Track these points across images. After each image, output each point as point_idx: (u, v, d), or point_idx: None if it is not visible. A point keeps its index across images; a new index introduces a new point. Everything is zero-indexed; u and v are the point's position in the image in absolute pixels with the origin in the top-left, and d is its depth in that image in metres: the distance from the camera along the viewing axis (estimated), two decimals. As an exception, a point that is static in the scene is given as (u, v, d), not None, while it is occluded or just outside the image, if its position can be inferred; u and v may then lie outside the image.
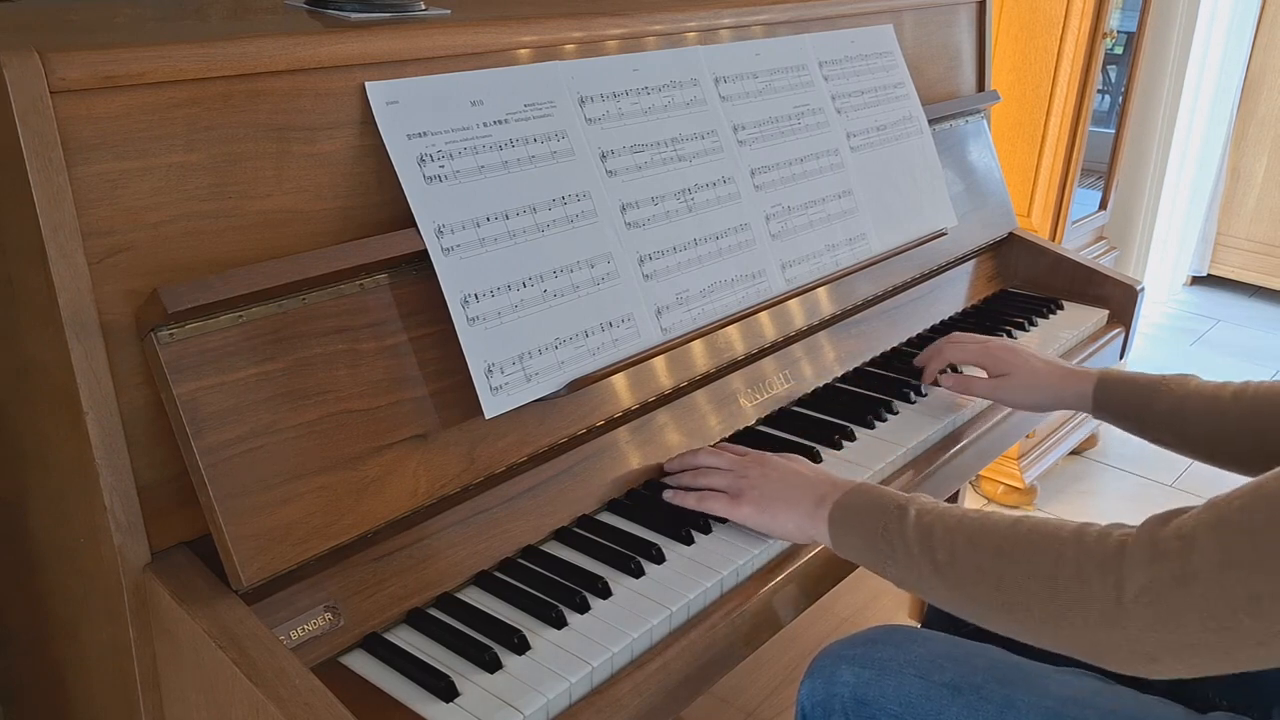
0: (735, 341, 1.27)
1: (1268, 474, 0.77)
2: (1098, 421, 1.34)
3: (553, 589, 0.95)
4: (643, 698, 0.90)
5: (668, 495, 1.09)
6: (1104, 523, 0.84)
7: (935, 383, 1.37)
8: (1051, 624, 0.82)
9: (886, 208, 1.47)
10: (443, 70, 1.00)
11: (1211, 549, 0.74)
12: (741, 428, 1.25)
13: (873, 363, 1.46)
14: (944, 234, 1.56)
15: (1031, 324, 1.64)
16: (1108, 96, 2.88)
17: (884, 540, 0.93)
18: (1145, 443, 1.23)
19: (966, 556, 0.87)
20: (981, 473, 2.52)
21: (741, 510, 1.04)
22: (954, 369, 1.39)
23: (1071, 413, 1.88)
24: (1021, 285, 1.80)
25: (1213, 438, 1.15)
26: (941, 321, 1.61)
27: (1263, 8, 3.73)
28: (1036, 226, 2.43)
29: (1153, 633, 0.76)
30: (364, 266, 0.92)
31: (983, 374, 1.34)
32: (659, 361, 1.17)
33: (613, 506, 1.09)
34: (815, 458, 1.20)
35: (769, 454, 1.11)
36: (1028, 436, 2.46)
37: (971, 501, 2.56)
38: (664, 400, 1.18)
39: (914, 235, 1.51)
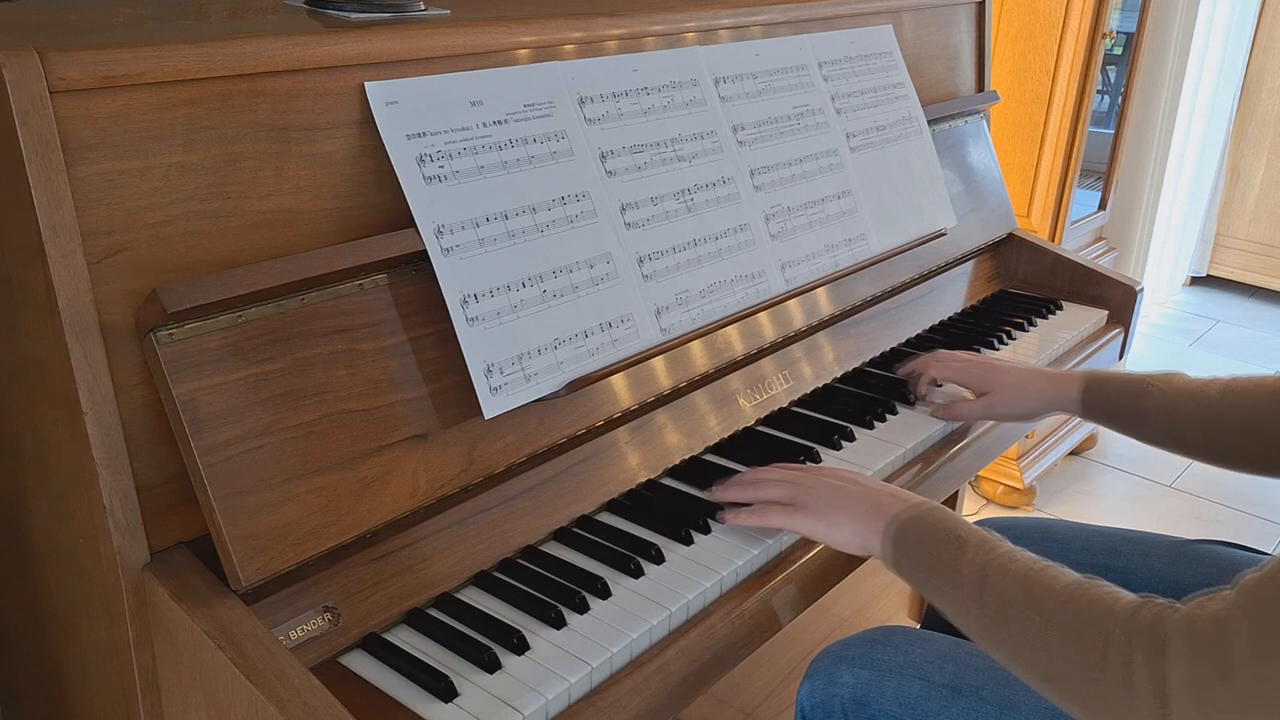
0: (735, 342, 1.27)
1: None
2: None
3: (552, 589, 0.95)
4: (642, 698, 0.90)
5: (727, 518, 1.05)
6: (1160, 600, 0.78)
7: (922, 396, 1.36)
8: (1094, 705, 0.78)
9: (886, 208, 1.47)
10: (442, 70, 1.00)
11: (1246, 637, 0.71)
12: (741, 428, 1.25)
13: (872, 363, 1.46)
14: (943, 234, 1.56)
15: (1031, 324, 1.64)
16: (1107, 97, 2.88)
17: (937, 573, 0.90)
18: (1145, 444, 1.23)
19: (1017, 615, 0.83)
20: (981, 473, 2.52)
21: (800, 520, 1.01)
22: (936, 385, 1.37)
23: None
24: (1021, 285, 1.80)
25: (1203, 434, 1.16)
26: (941, 322, 1.61)
27: (1262, 8, 3.73)
28: (1036, 227, 2.43)
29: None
30: (363, 267, 0.92)
31: (968, 394, 1.33)
32: (658, 362, 1.17)
33: (612, 507, 1.09)
34: (815, 458, 1.20)
35: (825, 466, 1.11)
36: (1027, 437, 2.46)
37: (971, 502, 2.56)
38: (663, 400, 1.18)
39: (913, 235, 1.51)
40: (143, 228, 0.81)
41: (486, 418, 0.97)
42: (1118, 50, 2.67)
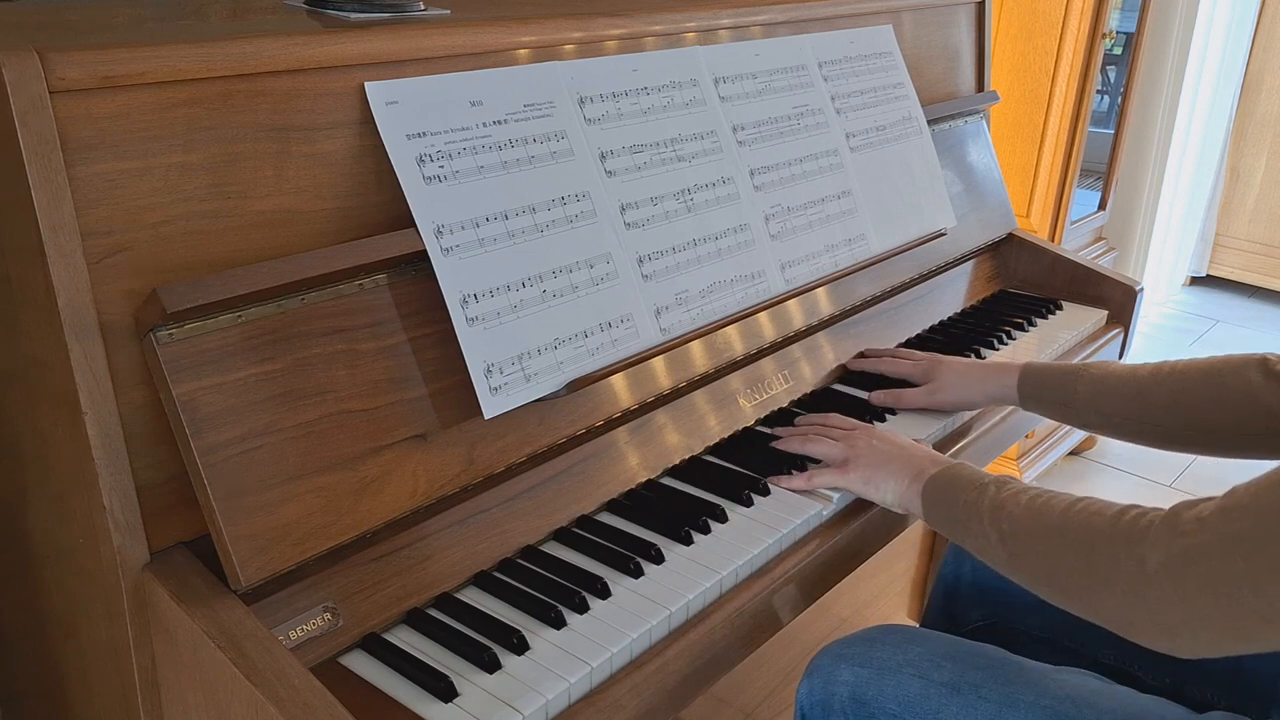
0: (734, 342, 1.27)
1: None
2: None
3: (552, 589, 0.95)
4: (642, 698, 0.90)
5: (781, 483, 1.15)
6: (1147, 506, 0.88)
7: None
8: (1087, 596, 0.88)
9: (886, 208, 1.47)
10: (442, 70, 1.00)
11: (1220, 528, 0.78)
12: (740, 428, 1.25)
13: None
14: (943, 234, 1.56)
15: (1030, 324, 1.64)
16: (1107, 97, 2.88)
17: (963, 512, 1.00)
18: (1081, 429, 1.27)
19: (1025, 530, 0.94)
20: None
21: (848, 479, 1.12)
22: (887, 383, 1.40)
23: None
24: (1021, 285, 1.80)
25: (1135, 416, 1.19)
26: (941, 322, 1.61)
27: (1261, 8, 3.73)
28: (1035, 227, 2.43)
29: (1170, 607, 0.81)
30: (363, 266, 0.92)
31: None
32: (658, 362, 1.17)
33: (612, 507, 1.09)
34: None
35: (874, 427, 1.20)
36: (1027, 436, 2.46)
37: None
38: (663, 400, 1.18)
39: (913, 235, 1.51)
40: (143, 228, 0.81)
41: (486, 418, 0.97)
42: (1118, 50, 2.67)
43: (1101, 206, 2.81)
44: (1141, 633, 0.85)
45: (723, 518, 1.08)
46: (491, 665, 0.86)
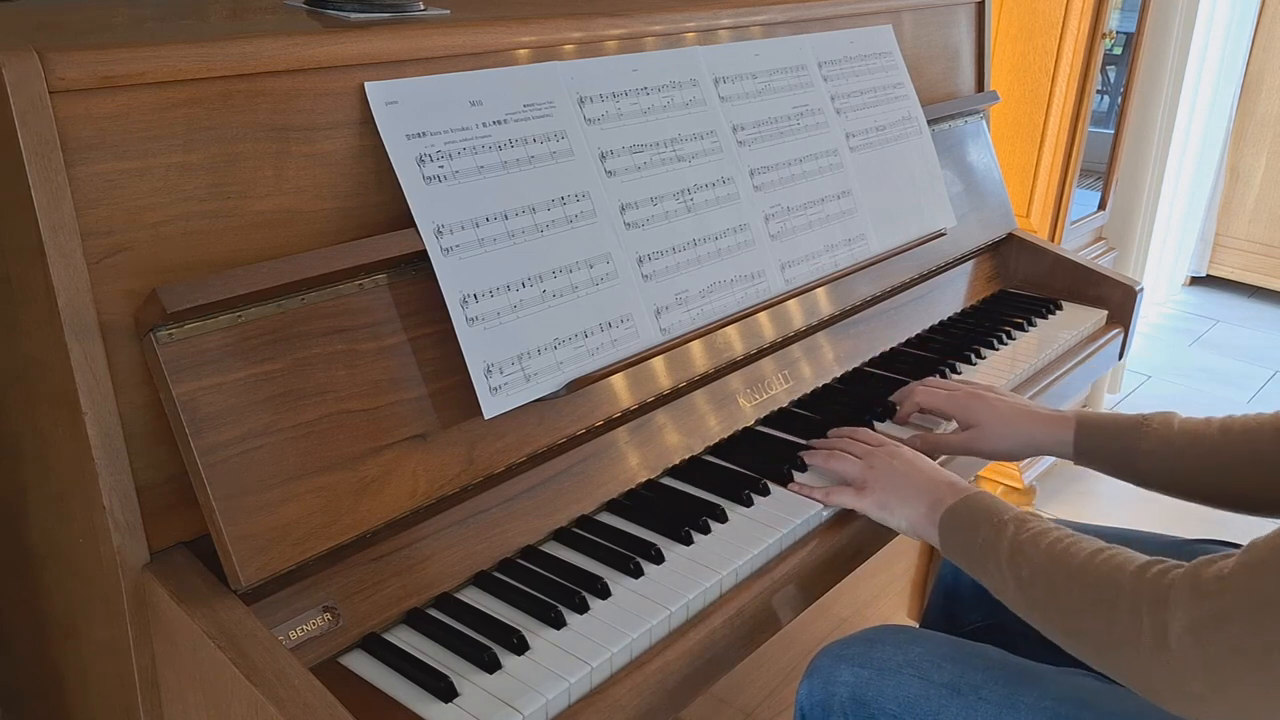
0: (734, 342, 1.27)
1: None
2: None
3: (552, 589, 0.95)
4: (642, 698, 0.90)
5: (799, 488, 1.14)
6: (1169, 560, 0.84)
7: (906, 421, 1.32)
8: (1108, 653, 0.85)
9: (885, 208, 1.47)
10: (442, 70, 1.00)
11: (1246, 588, 0.76)
12: (740, 428, 1.25)
13: (871, 363, 1.46)
14: (943, 234, 1.56)
15: (1030, 324, 1.64)
16: (1107, 97, 2.88)
17: (980, 551, 0.97)
18: (1144, 489, 1.17)
19: (1045, 578, 0.91)
20: (981, 473, 2.52)
21: (864, 503, 1.10)
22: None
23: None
24: (1020, 285, 1.80)
25: (1205, 476, 1.12)
26: (940, 322, 1.61)
27: (1261, 8, 3.73)
28: (1035, 227, 2.43)
29: (1196, 673, 0.78)
30: (363, 266, 0.92)
31: (953, 425, 1.28)
32: (658, 362, 1.17)
33: (612, 507, 1.09)
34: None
35: (900, 446, 1.15)
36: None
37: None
38: (663, 400, 1.18)
39: (913, 235, 1.51)
40: (143, 228, 0.81)
41: (486, 418, 0.97)
42: (1118, 50, 2.67)
43: (1101, 206, 2.81)
44: (1165, 699, 0.82)
45: (723, 518, 1.08)
46: (491, 665, 0.86)
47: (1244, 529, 0.92)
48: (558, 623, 0.91)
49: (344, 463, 0.89)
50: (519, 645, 0.88)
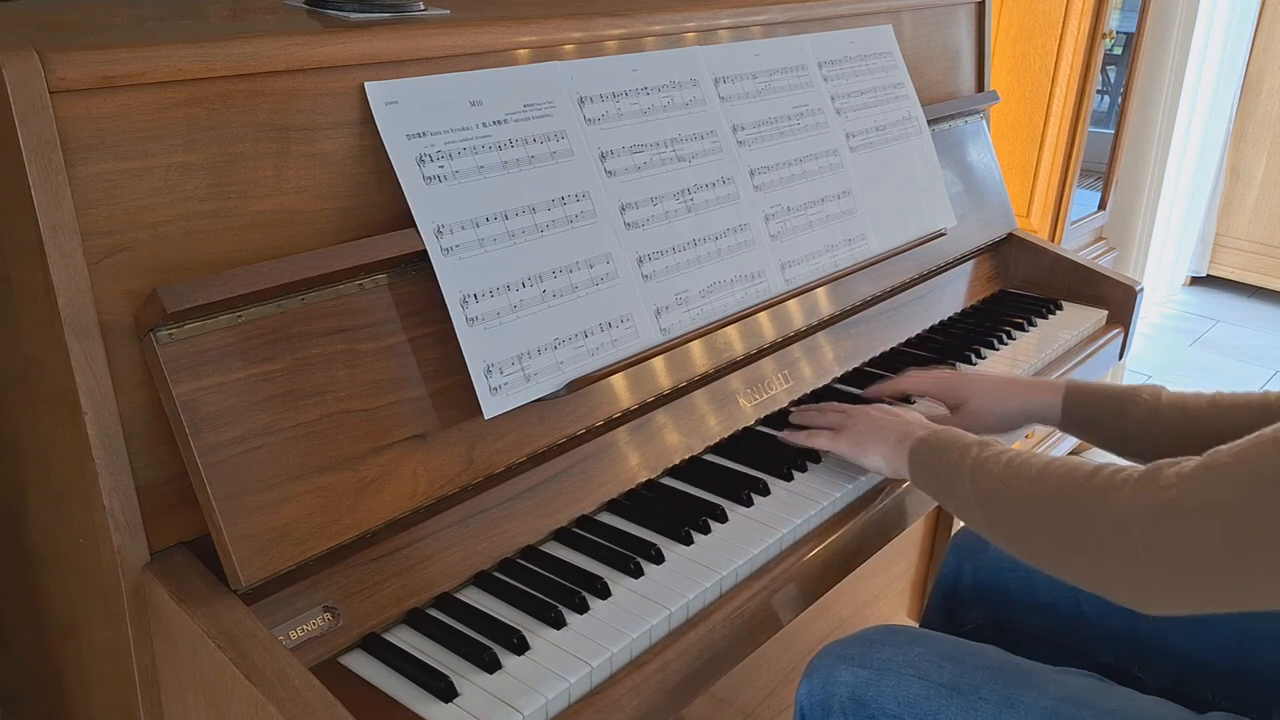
0: (734, 342, 1.27)
1: (1269, 427, 0.79)
2: None
3: (552, 589, 0.95)
4: (642, 698, 0.90)
5: (781, 435, 1.20)
6: (1120, 463, 0.89)
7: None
8: (1062, 553, 0.89)
9: (885, 208, 1.47)
10: (442, 70, 1.00)
11: (1198, 487, 0.79)
12: (740, 428, 1.25)
13: (872, 363, 1.46)
14: (943, 234, 1.56)
15: (1030, 324, 1.64)
16: (1107, 97, 2.88)
17: (946, 473, 1.01)
18: (1128, 459, 1.15)
19: (1001, 488, 0.95)
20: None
21: (840, 443, 1.15)
22: (909, 400, 1.33)
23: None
24: (1021, 285, 1.80)
25: (1190, 449, 1.11)
26: (941, 322, 1.61)
27: (1261, 8, 3.73)
28: (1036, 227, 2.43)
29: (1144, 561, 0.81)
30: (363, 266, 0.92)
31: (943, 408, 1.28)
32: (658, 362, 1.17)
33: (612, 507, 1.09)
34: (815, 458, 1.20)
35: (879, 405, 1.20)
36: (1028, 436, 2.46)
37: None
38: (663, 400, 1.18)
39: (913, 235, 1.51)
40: (143, 228, 0.81)
41: (486, 418, 0.97)
42: (1118, 50, 2.67)
43: (1101, 206, 2.81)
44: (1114, 588, 0.85)
45: (723, 518, 1.08)
46: (491, 665, 0.86)
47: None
48: (558, 623, 0.91)
49: (344, 463, 0.89)
50: (519, 645, 0.88)
